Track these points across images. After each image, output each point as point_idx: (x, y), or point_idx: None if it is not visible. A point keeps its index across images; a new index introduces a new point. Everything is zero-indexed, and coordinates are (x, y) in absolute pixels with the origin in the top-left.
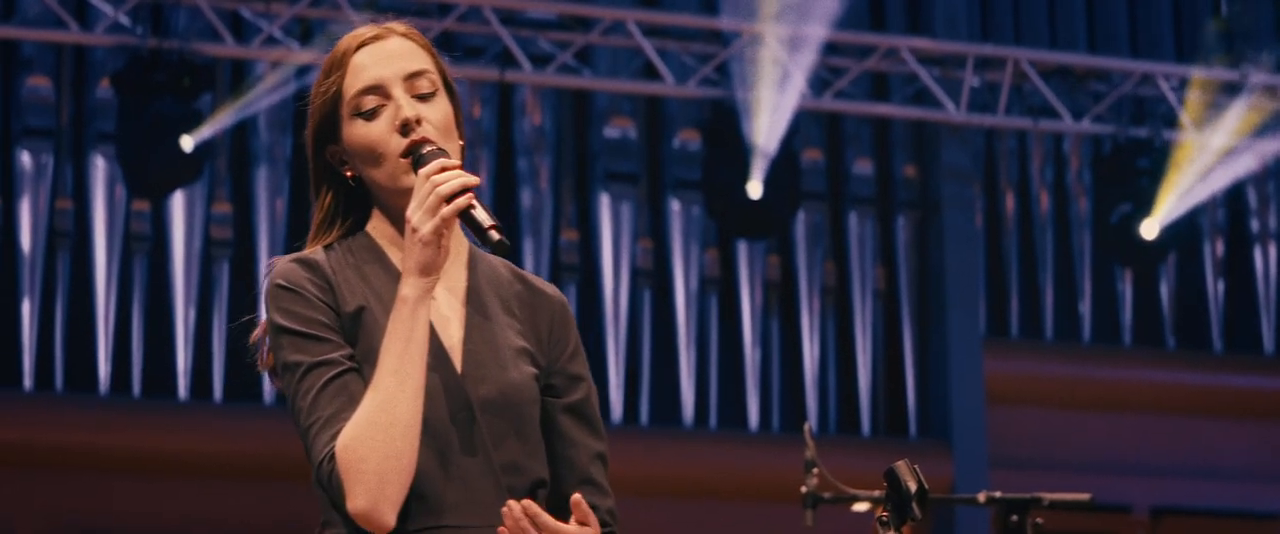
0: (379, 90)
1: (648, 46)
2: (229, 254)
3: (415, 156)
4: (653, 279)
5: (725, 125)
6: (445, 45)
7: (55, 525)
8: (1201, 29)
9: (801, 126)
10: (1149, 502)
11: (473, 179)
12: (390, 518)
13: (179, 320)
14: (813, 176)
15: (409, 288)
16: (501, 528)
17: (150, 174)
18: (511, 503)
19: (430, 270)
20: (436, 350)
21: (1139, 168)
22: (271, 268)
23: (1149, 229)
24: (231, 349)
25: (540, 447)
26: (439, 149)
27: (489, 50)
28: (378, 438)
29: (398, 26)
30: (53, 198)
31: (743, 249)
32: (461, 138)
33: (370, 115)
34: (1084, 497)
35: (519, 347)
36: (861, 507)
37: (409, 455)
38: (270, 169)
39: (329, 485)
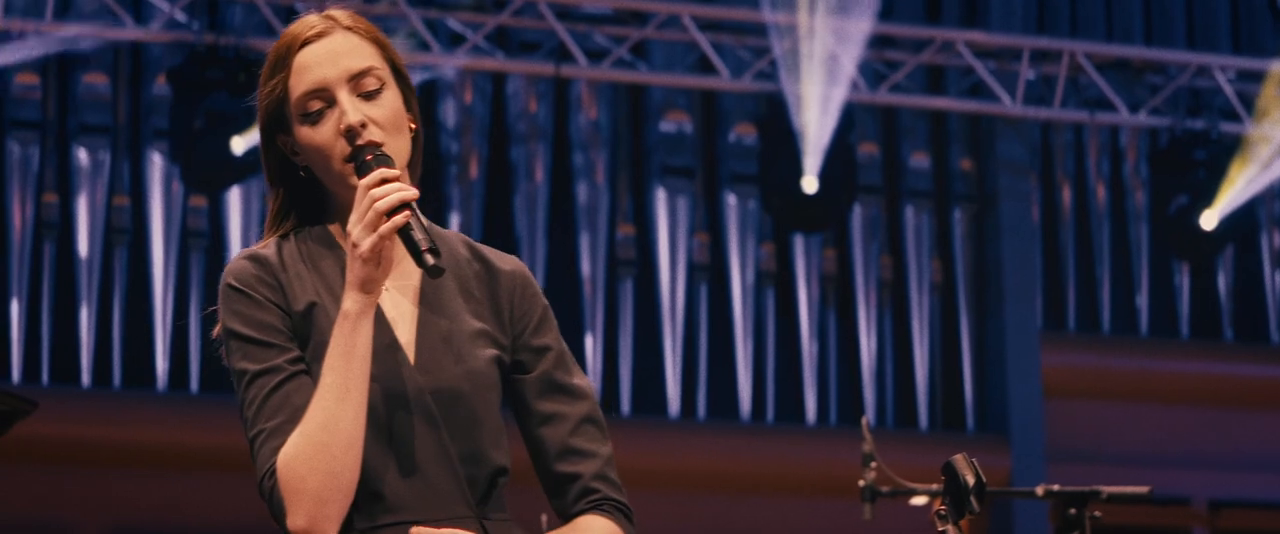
0: (322, 93)
1: (703, 41)
2: None
3: (358, 163)
4: (709, 273)
5: (781, 119)
6: (501, 40)
7: (114, 521)
8: (1258, 21)
9: (858, 120)
10: (1207, 494)
11: (411, 192)
12: None
13: None
14: (869, 170)
15: (350, 302)
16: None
17: (207, 170)
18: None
19: (370, 286)
20: (390, 346)
21: (1196, 160)
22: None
23: (1208, 220)
24: None
25: (500, 434)
26: (382, 155)
27: (545, 45)
28: (318, 457)
29: (343, 18)
30: (110, 194)
31: (799, 243)
32: (414, 123)
33: (315, 118)
34: (1143, 489)
35: (476, 329)
36: (919, 500)
37: (350, 473)
38: None
39: (270, 501)
